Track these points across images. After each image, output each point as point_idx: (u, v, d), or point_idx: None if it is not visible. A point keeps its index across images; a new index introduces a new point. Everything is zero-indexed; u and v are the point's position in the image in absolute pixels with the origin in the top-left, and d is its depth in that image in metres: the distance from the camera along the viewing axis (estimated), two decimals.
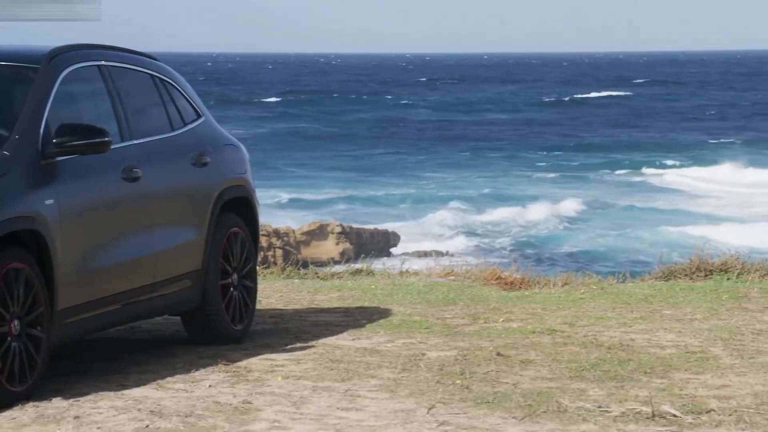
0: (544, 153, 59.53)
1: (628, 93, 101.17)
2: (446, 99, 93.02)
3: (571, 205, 43.29)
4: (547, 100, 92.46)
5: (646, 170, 54.48)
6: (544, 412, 7.09)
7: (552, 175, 52.21)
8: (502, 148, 60.93)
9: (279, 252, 30.33)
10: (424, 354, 8.64)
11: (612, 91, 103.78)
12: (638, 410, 7.08)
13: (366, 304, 10.90)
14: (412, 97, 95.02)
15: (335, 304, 10.93)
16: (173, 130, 8.92)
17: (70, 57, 8.17)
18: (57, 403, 7.11)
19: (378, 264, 14.19)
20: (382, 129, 69.41)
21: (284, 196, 44.45)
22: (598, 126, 73.32)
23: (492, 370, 8.11)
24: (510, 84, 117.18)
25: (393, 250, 34.04)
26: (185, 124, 9.06)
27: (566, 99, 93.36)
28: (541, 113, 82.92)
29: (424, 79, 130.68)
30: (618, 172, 54.19)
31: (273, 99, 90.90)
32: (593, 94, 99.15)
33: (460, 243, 37.57)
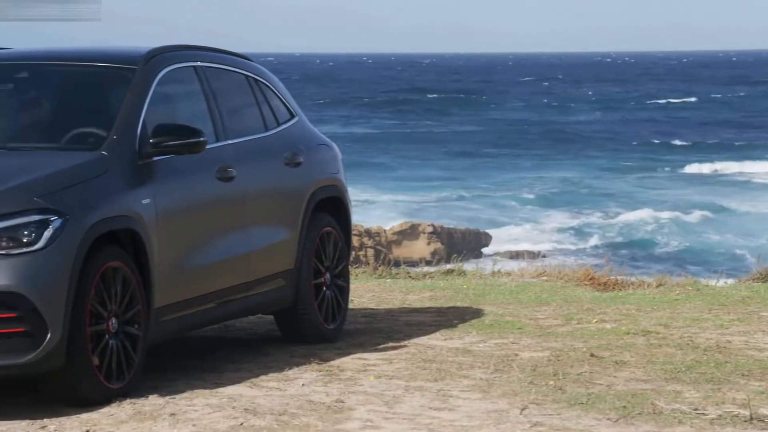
0: (644, 153, 58.76)
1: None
2: (538, 101, 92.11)
3: (667, 207, 42.84)
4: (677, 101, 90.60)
5: (751, 169, 53.64)
6: (639, 414, 7.03)
7: (648, 175, 51.64)
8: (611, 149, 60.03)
9: (370, 252, 30.40)
10: (516, 354, 8.61)
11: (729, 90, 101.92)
12: (735, 413, 7.00)
13: (458, 304, 10.88)
14: (509, 97, 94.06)
15: (427, 304, 10.93)
16: (267, 130, 8.98)
17: (167, 58, 8.26)
18: (153, 400, 7.19)
19: (470, 264, 14.16)
20: (493, 131, 68.69)
21: (377, 195, 44.53)
22: (699, 126, 72.17)
23: (585, 371, 8.06)
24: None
25: (484, 250, 33.95)
26: (279, 124, 9.12)
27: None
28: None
29: (529, 78, 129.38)
30: (720, 170, 53.45)
31: (378, 98, 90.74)
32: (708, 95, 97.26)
33: (553, 243, 37.37)
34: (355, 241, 28.94)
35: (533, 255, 30.86)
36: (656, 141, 64.03)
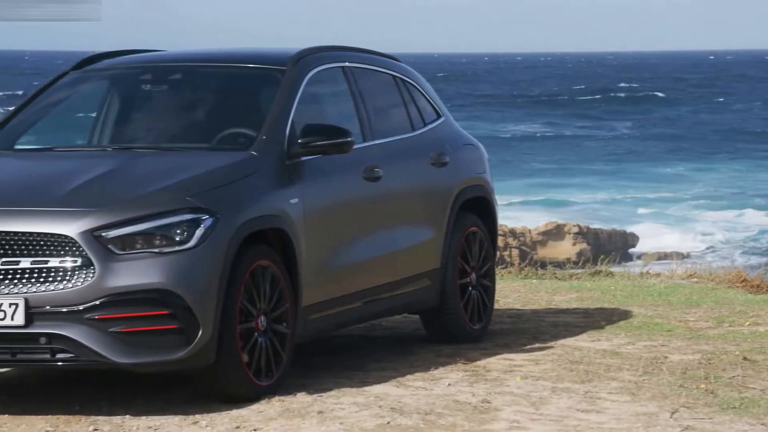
0: None
1: None
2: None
3: None
4: None
5: None
6: None
7: None
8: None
9: (515, 252, 30.26)
10: (666, 357, 8.48)
11: None
12: None
13: (605, 305, 10.77)
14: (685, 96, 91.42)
15: (574, 305, 10.84)
16: (413, 130, 9.00)
17: (315, 59, 8.33)
18: (301, 398, 7.25)
19: (617, 265, 14.01)
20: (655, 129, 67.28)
21: (523, 195, 44.30)
22: None
23: (738, 375, 7.90)
24: None
25: (631, 251, 33.54)
26: (425, 124, 9.13)
27: None
28: None
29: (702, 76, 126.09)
30: None
31: (533, 98, 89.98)
32: None
33: (703, 245, 36.73)
34: (500, 241, 28.70)
35: (681, 256, 30.38)
36: None
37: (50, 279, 6.88)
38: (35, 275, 6.88)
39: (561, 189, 46.50)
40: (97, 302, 6.85)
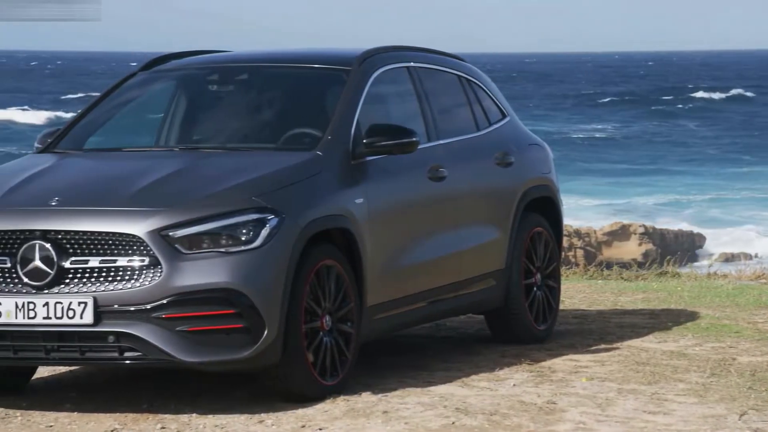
0: None
1: None
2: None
3: None
4: None
5: None
6: None
7: None
8: None
9: (580, 252, 30.11)
10: (734, 359, 8.40)
11: None
12: None
13: (672, 306, 10.69)
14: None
15: (640, 306, 10.77)
16: (478, 130, 8.99)
17: (381, 59, 8.34)
18: (366, 398, 7.26)
19: (683, 266, 13.91)
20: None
21: (588, 195, 44.05)
22: None
23: None
24: None
25: (698, 251, 33.25)
26: (490, 124, 9.11)
27: None
28: None
29: None
30: None
31: (607, 98, 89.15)
32: None
33: None
34: (564, 241, 28.53)
35: (749, 257, 30.07)
36: None
37: (118, 278, 6.94)
38: (104, 274, 6.95)
39: (627, 189, 46.17)
40: (164, 301, 6.91)
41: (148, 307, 6.90)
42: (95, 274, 6.95)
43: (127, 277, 6.93)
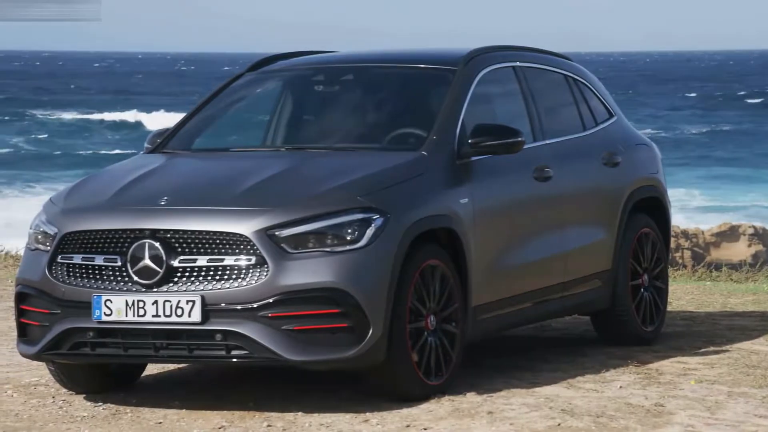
0: None
1: None
2: None
3: None
4: None
5: None
6: None
7: None
8: None
9: (687, 253, 29.75)
10: None
11: None
12: None
13: None
14: None
15: (750, 308, 10.61)
16: (585, 129, 8.93)
17: (486, 59, 8.33)
18: (471, 398, 7.24)
19: None
20: None
21: (696, 196, 43.49)
22: None
23: None
24: None
25: None
26: (597, 124, 9.04)
27: None
28: None
29: None
30: None
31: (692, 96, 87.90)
32: None
33: None
34: (671, 242, 28.12)
35: None
36: None
37: (225, 277, 7.01)
38: (211, 273, 7.02)
39: (736, 189, 45.49)
40: (271, 300, 6.96)
41: (255, 305, 6.96)
42: (203, 273, 7.03)
43: (234, 276, 7.00)
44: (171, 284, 7.03)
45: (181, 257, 7.05)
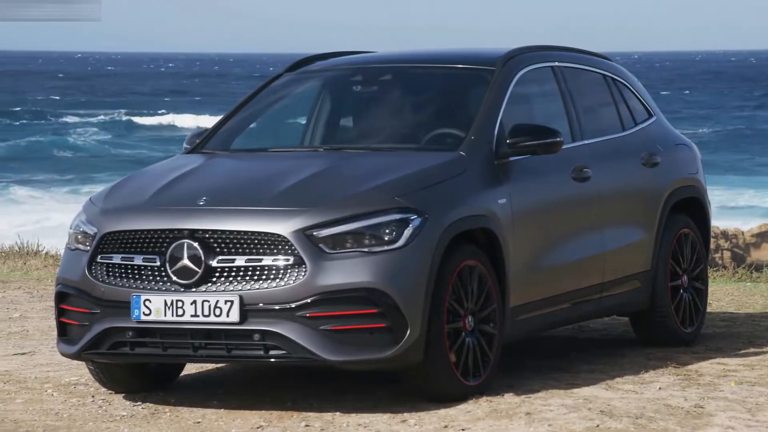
0: None
1: None
2: None
3: None
4: None
5: None
6: None
7: None
8: None
9: (727, 254, 29.58)
10: None
11: None
12: None
13: None
14: None
15: None
16: (624, 129, 8.89)
17: (525, 59, 8.31)
18: (509, 399, 7.23)
19: None
20: None
21: (736, 197, 43.22)
22: None
23: None
24: None
25: None
26: (636, 124, 9.01)
27: None
28: None
29: None
30: None
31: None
32: None
33: None
34: (711, 243, 27.89)
35: None
36: None
37: (263, 277, 7.02)
38: (249, 273, 7.04)
39: None
40: (309, 300, 6.97)
41: (293, 305, 6.97)
42: (241, 273, 7.04)
43: (272, 276, 7.01)
44: (209, 284, 7.06)
45: (220, 257, 7.07)
